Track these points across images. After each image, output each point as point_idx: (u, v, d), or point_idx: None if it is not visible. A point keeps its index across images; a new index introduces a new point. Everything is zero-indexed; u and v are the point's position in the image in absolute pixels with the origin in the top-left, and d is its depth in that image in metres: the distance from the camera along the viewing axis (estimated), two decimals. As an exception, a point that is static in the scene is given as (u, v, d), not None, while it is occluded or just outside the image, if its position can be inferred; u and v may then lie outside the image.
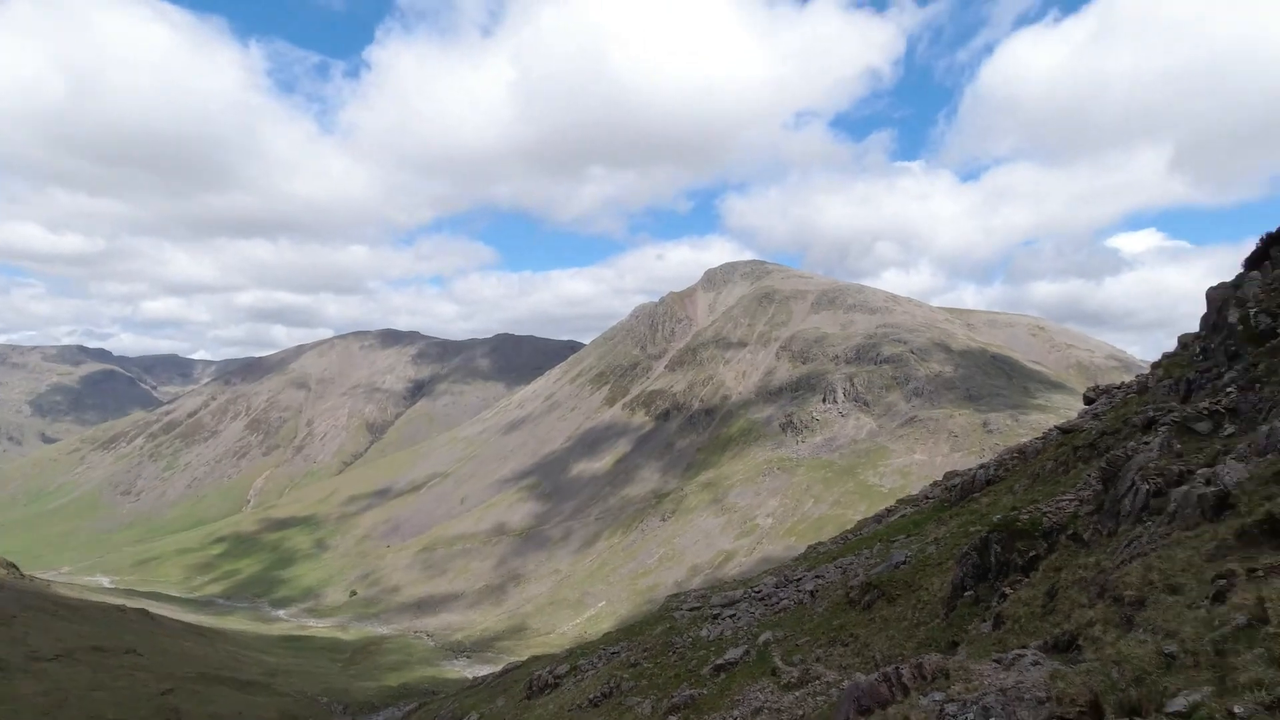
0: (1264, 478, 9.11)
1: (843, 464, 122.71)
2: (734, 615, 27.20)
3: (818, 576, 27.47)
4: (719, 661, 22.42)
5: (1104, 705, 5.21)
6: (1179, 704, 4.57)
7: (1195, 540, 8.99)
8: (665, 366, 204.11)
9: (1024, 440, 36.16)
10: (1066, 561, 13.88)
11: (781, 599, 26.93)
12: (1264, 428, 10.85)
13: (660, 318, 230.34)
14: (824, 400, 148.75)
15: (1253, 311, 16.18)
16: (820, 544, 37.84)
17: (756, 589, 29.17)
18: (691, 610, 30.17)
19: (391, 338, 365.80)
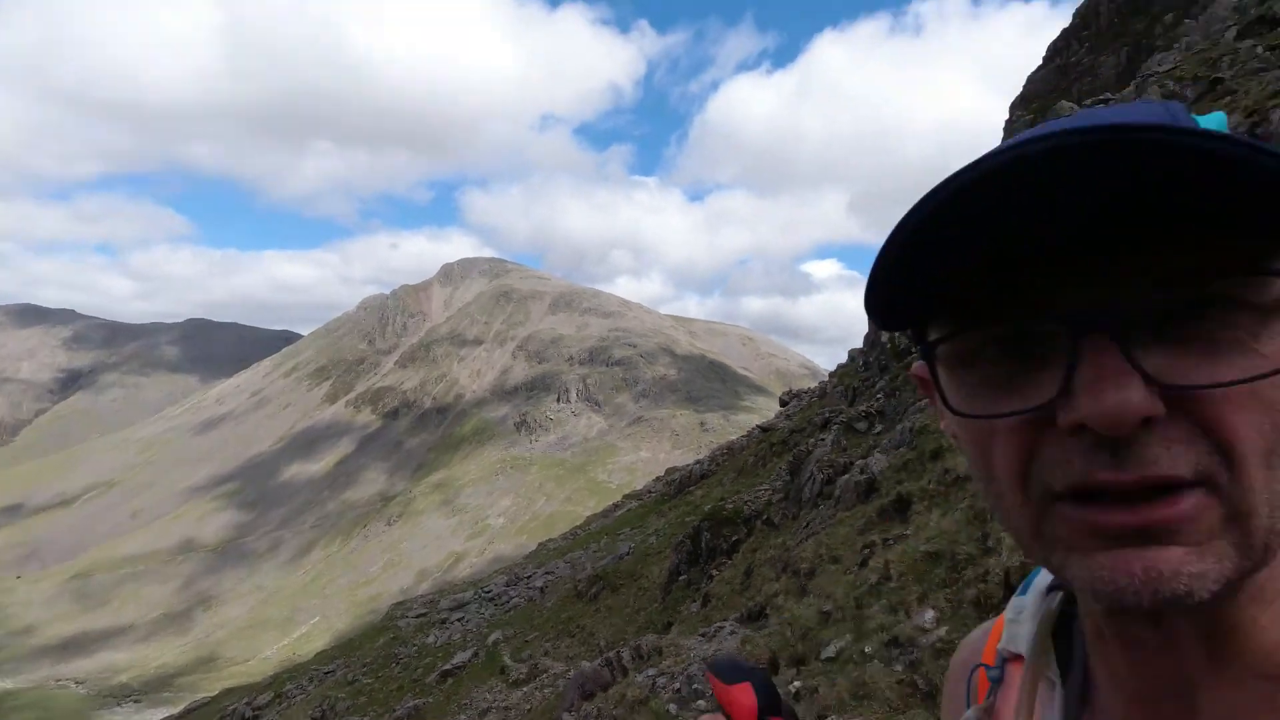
0: (897, 466, 11.55)
1: (574, 462, 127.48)
2: (463, 618, 26.70)
3: (548, 573, 28.19)
4: (446, 667, 21.84)
5: (779, 660, 6.23)
6: (830, 651, 5.66)
7: (852, 519, 11.09)
8: (396, 362, 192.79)
9: (733, 438, 41.07)
10: (761, 543, 16.12)
11: (512, 597, 27.12)
12: (899, 426, 13.75)
13: (392, 311, 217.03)
14: (558, 400, 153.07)
15: (896, 335, 20.41)
16: (551, 541, 38.87)
17: (487, 589, 29.00)
18: (418, 617, 28.92)
19: (33, 315, 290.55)
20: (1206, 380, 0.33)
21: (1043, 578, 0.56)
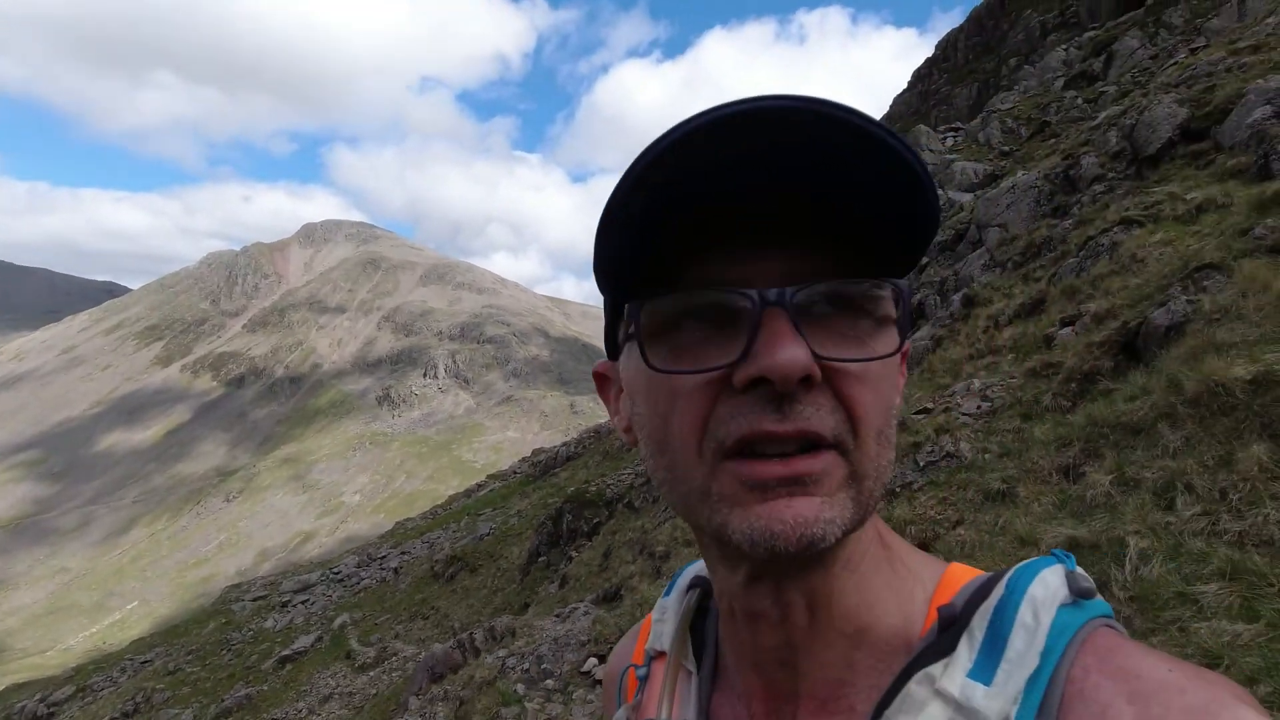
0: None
1: (439, 440, 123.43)
2: (308, 601, 25.23)
3: (404, 553, 27.21)
4: (285, 653, 20.56)
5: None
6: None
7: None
8: (244, 326, 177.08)
9: (602, 422, 41.42)
10: (621, 526, 16.43)
11: (363, 578, 25.94)
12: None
13: (242, 269, 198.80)
14: (425, 375, 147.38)
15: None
16: (410, 520, 37.52)
17: (336, 570, 27.55)
18: (255, 600, 26.99)
19: None
20: (852, 356, 0.41)
21: (684, 579, 0.62)
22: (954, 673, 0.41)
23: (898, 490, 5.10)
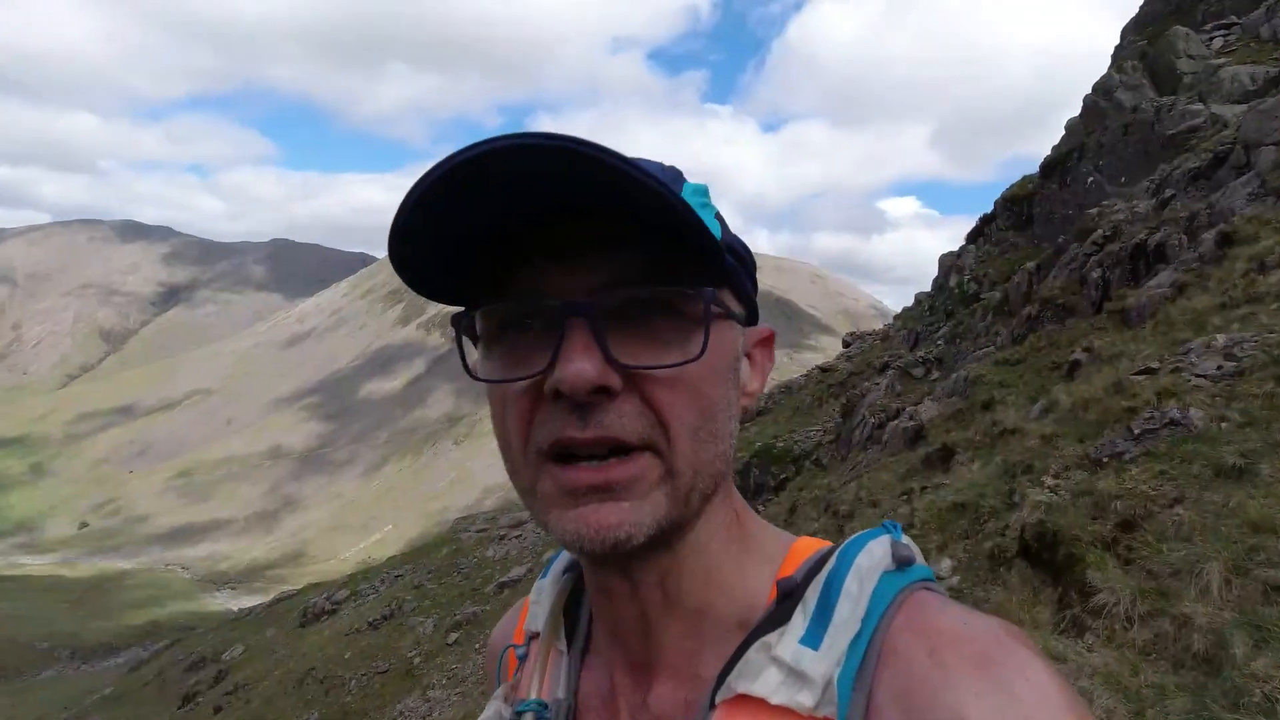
0: (946, 415, 11.33)
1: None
2: (520, 536, 28.14)
3: (602, 498, 29.18)
4: (503, 579, 23.25)
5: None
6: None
7: (896, 465, 11.04)
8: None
9: (793, 377, 40.76)
10: (808, 483, 16.23)
11: (567, 519, 28.31)
12: (955, 375, 13.39)
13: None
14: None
15: (966, 278, 19.58)
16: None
17: (544, 510, 30.31)
18: (479, 532, 30.67)
19: (134, 231, 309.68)
20: (652, 364, 0.43)
21: (560, 562, 0.65)
22: (788, 640, 0.44)
23: (1105, 461, 4.53)
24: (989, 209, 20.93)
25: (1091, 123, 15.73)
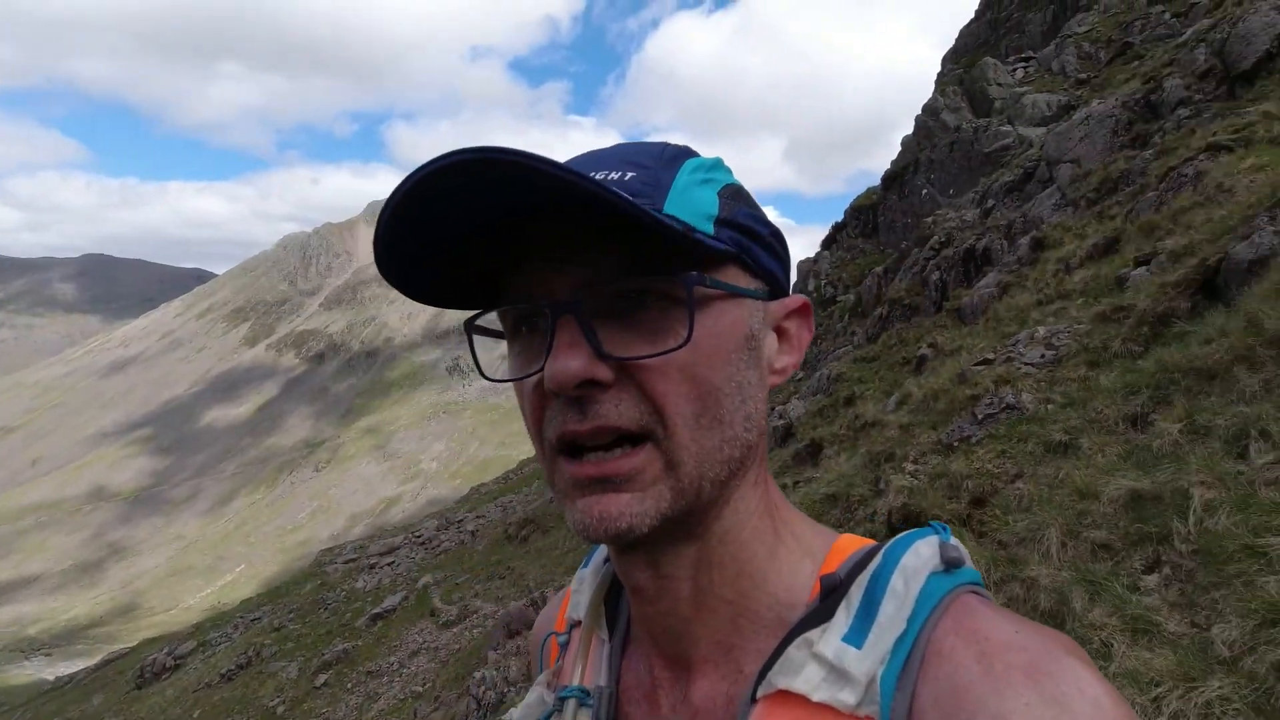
0: (813, 412, 12.02)
1: (509, 406, 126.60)
2: (393, 563, 26.68)
3: (479, 516, 28.35)
4: (376, 611, 21.90)
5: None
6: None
7: (769, 462, 11.55)
8: (321, 304, 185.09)
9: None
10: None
11: (443, 541, 27.22)
12: (817, 374, 14.24)
13: (316, 250, 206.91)
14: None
15: (823, 282, 20.91)
16: (484, 485, 38.93)
17: (418, 534, 28.99)
18: (347, 563, 28.73)
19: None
20: (640, 353, 0.43)
21: (601, 552, 0.65)
22: (830, 637, 0.44)
23: (955, 445, 4.97)
24: (840, 218, 22.53)
25: (923, 140, 17.39)
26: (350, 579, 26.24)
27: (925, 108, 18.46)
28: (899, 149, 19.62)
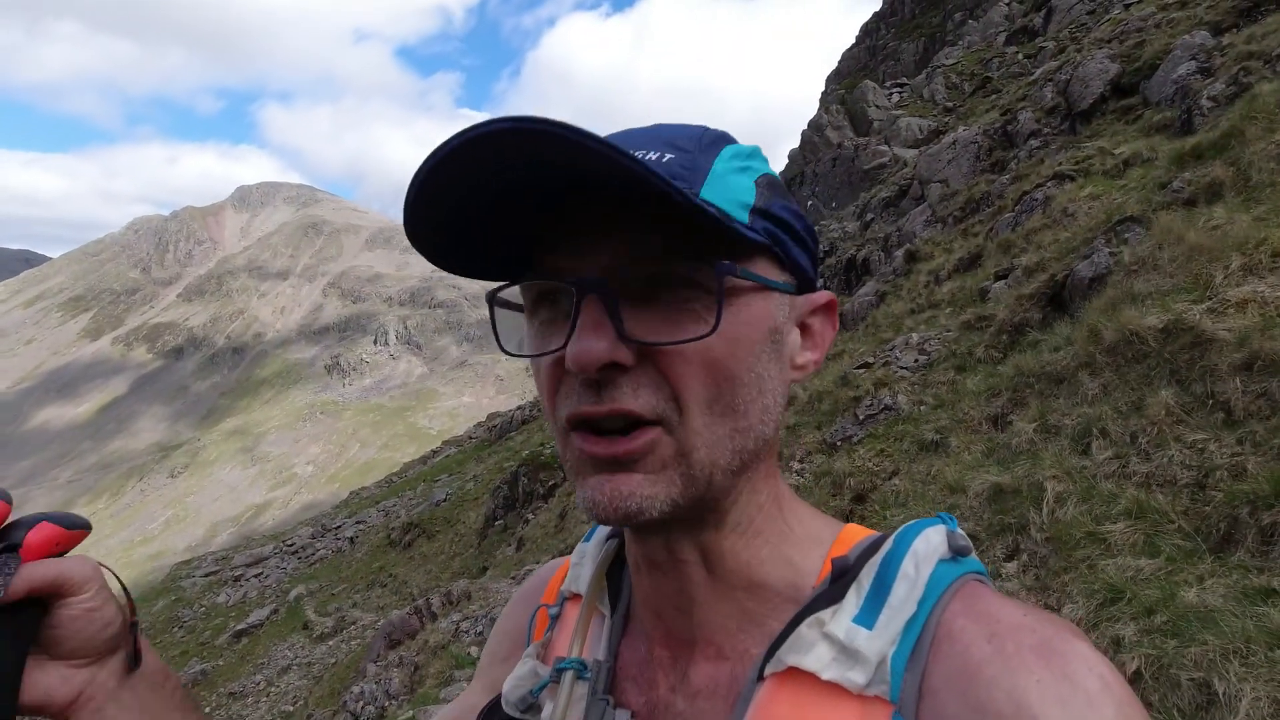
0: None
1: (393, 407, 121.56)
2: (261, 574, 24.86)
3: (359, 522, 26.95)
4: (240, 627, 20.31)
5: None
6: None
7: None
8: (179, 295, 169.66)
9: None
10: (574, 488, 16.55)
11: (319, 549, 25.65)
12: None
13: (173, 235, 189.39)
14: (375, 342, 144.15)
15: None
16: (365, 489, 37.07)
17: (289, 542, 27.15)
18: (207, 576, 26.47)
19: None
20: (665, 339, 0.43)
21: (604, 529, 0.64)
22: (841, 618, 0.45)
23: (838, 444, 5.23)
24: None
25: (808, 154, 18.28)
26: (210, 593, 24.18)
27: (811, 123, 19.42)
28: (786, 161, 20.54)
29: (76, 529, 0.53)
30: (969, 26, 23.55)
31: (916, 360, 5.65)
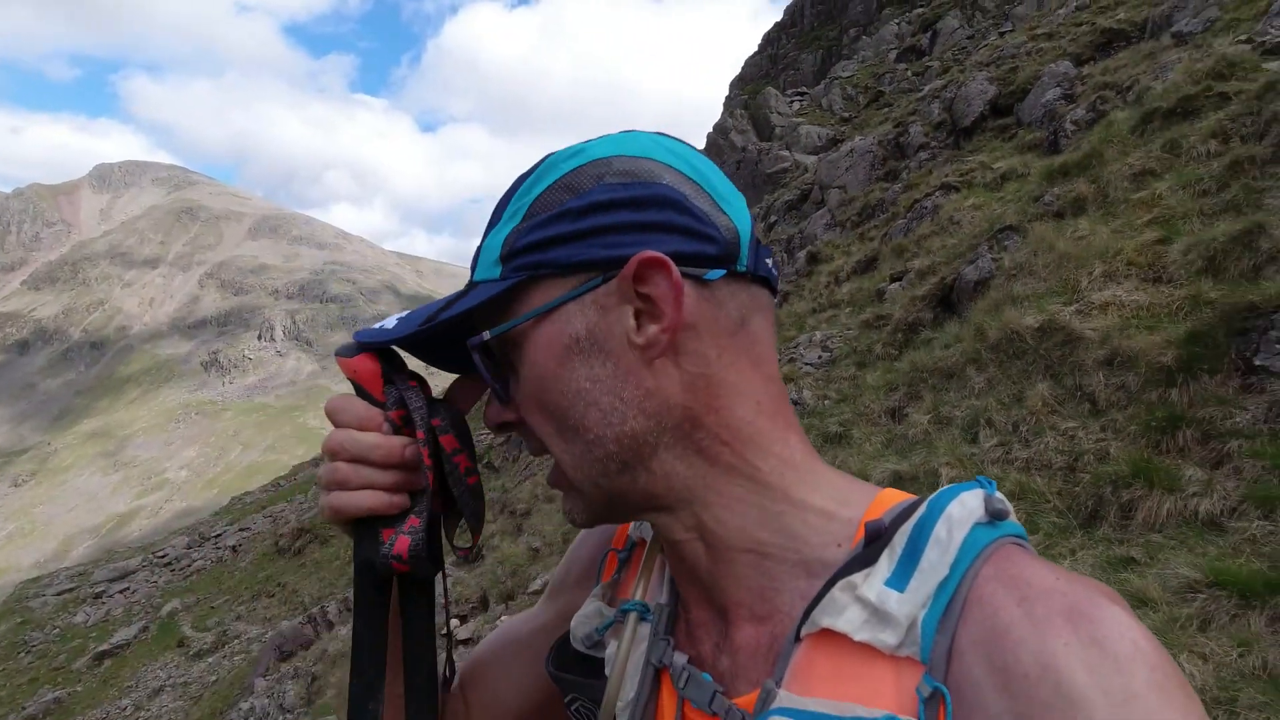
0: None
1: (280, 406, 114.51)
2: (128, 589, 22.79)
3: (243, 530, 25.21)
4: (102, 648, 18.54)
5: (489, 596, 6.43)
6: (537, 584, 5.98)
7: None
8: (25, 282, 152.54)
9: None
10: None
11: (195, 560, 23.79)
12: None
13: (18, 215, 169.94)
14: (260, 337, 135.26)
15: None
16: (248, 494, 34.73)
17: (161, 553, 25.03)
18: (61, 594, 23.99)
19: None
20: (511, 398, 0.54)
21: None
22: (873, 581, 0.45)
23: (748, 437, 5.41)
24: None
25: (713, 156, 18.73)
26: (65, 613, 21.91)
27: (716, 127, 19.91)
28: (692, 163, 20.89)
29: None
30: (863, 42, 24.87)
31: (820, 357, 5.92)
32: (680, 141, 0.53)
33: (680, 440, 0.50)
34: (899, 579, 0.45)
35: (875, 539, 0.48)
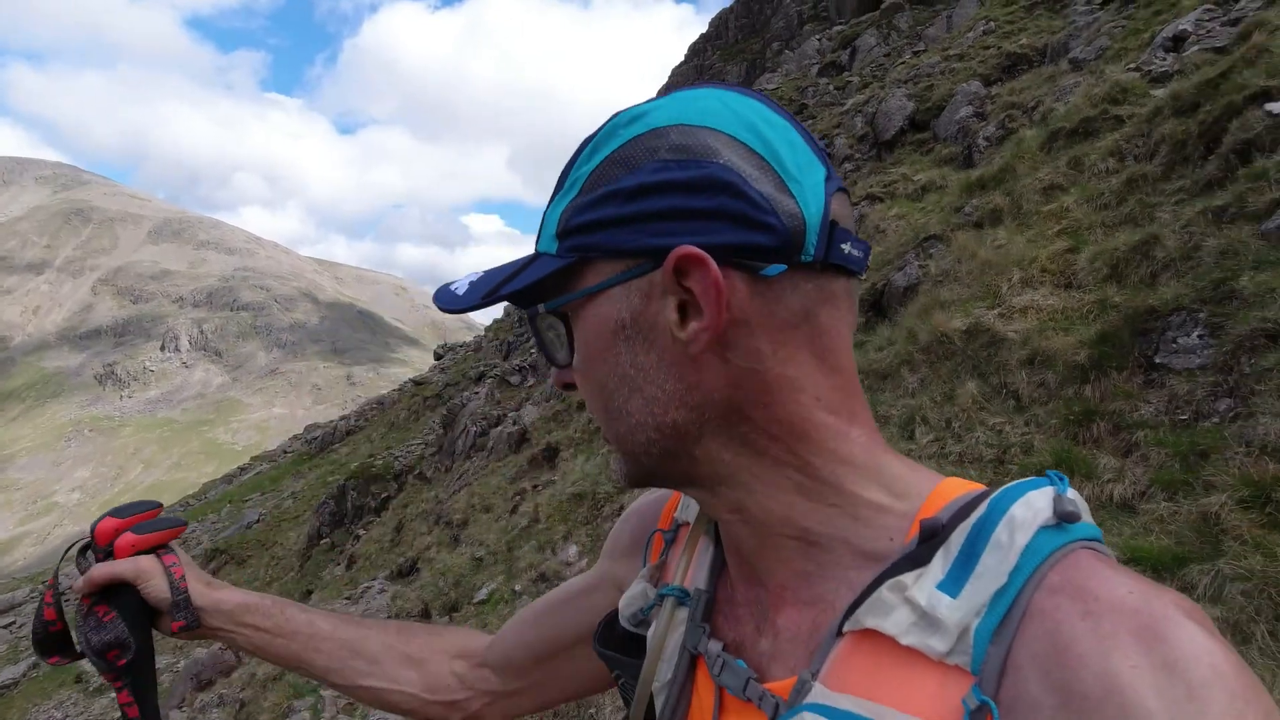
0: (548, 417, 12.30)
1: (186, 421, 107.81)
2: (13, 625, 20.95)
3: (147, 552, 23.58)
4: (-14, 689, 16.96)
5: (431, 609, 6.27)
6: (482, 593, 5.89)
7: (504, 468, 11.51)
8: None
9: (384, 392, 38.94)
10: (413, 498, 15.75)
11: (93, 588, 22.06)
12: (550, 380, 14.60)
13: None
14: (163, 348, 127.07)
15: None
16: (152, 515, 32.45)
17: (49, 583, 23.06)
18: (-66, 633, 21.78)
19: None
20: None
21: None
22: (925, 583, 0.43)
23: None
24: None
25: (644, 165, 18.92)
26: (-59, 652, 19.83)
27: (646, 136, 20.04)
28: (623, 171, 21.02)
29: (159, 530, 0.75)
30: (785, 56, 25.69)
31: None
32: (756, 100, 0.49)
33: (725, 430, 0.49)
34: (953, 583, 0.43)
35: (930, 537, 0.45)
